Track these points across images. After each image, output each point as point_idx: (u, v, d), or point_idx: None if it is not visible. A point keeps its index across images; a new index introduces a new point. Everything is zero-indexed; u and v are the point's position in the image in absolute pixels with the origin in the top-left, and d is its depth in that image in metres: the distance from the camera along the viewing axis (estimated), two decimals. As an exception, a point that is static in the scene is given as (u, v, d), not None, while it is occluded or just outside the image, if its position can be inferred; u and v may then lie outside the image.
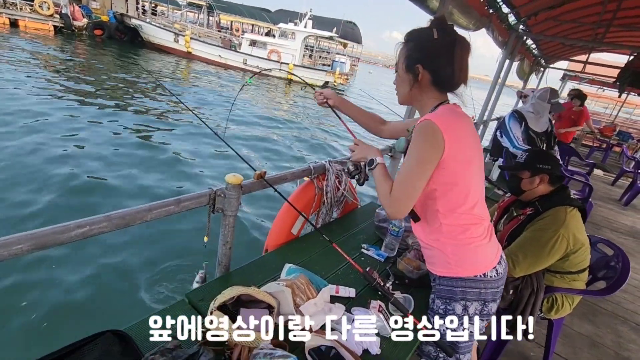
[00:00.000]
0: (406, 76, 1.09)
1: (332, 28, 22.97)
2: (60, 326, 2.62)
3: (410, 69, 1.07)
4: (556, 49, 6.69)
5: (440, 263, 1.17)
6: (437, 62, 1.04)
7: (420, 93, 1.10)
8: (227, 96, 12.66)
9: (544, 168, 1.72)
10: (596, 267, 2.02)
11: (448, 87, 1.09)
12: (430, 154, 1.00)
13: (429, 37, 1.03)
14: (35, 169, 4.71)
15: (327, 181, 1.73)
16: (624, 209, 5.91)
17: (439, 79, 1.06)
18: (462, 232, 1.10)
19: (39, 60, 11.74)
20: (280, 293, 1.08)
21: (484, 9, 3.00)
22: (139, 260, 3.40)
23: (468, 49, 1.04)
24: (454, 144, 1.00)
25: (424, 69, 1.05)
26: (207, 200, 1.20)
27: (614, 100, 16.12)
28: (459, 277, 1.14)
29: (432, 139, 0.99)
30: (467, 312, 1.16)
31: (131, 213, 1.00)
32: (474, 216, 1.10)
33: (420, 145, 1.02)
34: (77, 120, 6.97)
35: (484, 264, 1.14)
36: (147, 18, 23.69)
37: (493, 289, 1.16)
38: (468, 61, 1.05)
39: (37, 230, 0.84)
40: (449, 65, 1.03)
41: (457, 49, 1.02)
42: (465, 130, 1.07)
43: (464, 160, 1.05)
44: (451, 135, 1.00)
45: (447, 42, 1.02)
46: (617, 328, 2.72)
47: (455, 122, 1.04)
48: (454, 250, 1.12)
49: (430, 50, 1.04)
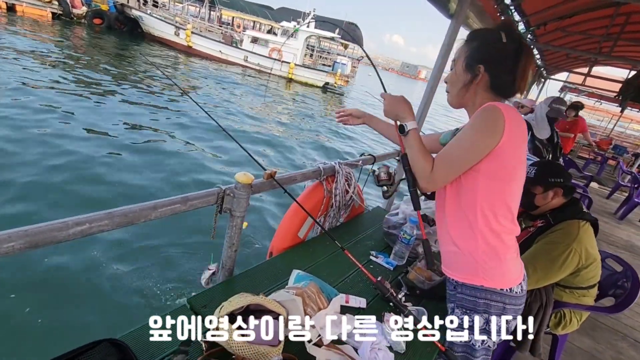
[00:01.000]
0: (464, 75, 1.05)
1: (335, 29, 22.94)
2: (54, 335, 2.47)
3: (471, 68, 1.03)
4: (559, 60, 6.71)
5: (466, 269, 1.09)
6: (500, 67, 1.00)
7: (475, 95, 1.05)
8: (230, 94, 12.55)
9: (557, 182, 1.68)
10: (605, 283, 1.98)
11: (505, 93, 1.04)
12: (486, 137, 0.95)
13: (497, 39, 1.00)
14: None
15: (337, 183, 1.67)
16: (620, 223, 5.93)
17: (498, 84, 1.02)
18: (500, 241, 1.04)
19: (34, 49, 11.49)
20: (290, 302, 1.01)
21: (497, 15, 2.96)
22: (136, 264, 3.25)
23: (533, 59, 1.03)
24: (512, 137, 0.95)
25: (485, 70, 1.01)
26: (215, 200, 1.13)
27: (610, 113, 16.30)
28: (485, 287, 1.07)
29: (494, 122, 0.94)
30: (488, 326, 1.11)
31: (135, 210, 0.92)
32: (512, 223, 1.06)
33: (480, 125, 0.97)
34: (70, 110, 6.81)
35: (512, 278, 1.09)
36: (148, 9, 23.41)
37: (516, 306, 1.11)
38: (529, 71, 1.02)
39: (31, 227, 0.76)
40: (511, 72, 1.00)
41: (523, 57, 0.99)
42: (524, 131, 1.03)
43: (519, 158, 1.02)
44: (512, 127, 0.94)
45: (514, 48, 0.99)
46: (616, 344, 2.69)
47: (516, 116, 0.98)
48: (486, 258, 1.05)
49: (496, 53, 1.00)
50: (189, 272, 3.18)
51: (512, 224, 1.06)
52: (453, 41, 2.03)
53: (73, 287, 2.91)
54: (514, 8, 3.12)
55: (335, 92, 20.30)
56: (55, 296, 2.80)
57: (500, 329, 1.11)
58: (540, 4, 3.28)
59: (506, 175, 1.00)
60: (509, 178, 1.00)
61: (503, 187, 1.01)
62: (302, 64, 20.91)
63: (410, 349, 1.11)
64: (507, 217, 1.04)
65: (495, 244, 1.04)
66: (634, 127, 26.32)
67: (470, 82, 1.03)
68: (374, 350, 1.01)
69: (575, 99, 7.70)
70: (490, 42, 1.01)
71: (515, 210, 1.07)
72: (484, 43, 1.02)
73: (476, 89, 1.04)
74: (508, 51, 0.99)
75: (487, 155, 0.96)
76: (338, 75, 19.85)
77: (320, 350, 0.97)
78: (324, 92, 19.58)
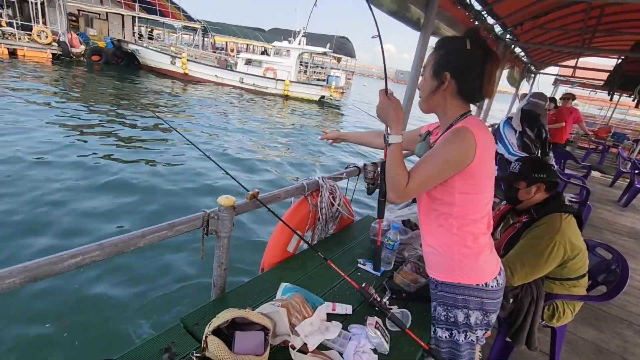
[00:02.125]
0: (432, 81, 1.09)
1: (326, 44, 23.40)
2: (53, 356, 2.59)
3: (438, 75, 1.07)
4: (545, 56, 6.81)
5: (445, 268, 1.17)
6: (466, 73, 1.04)
7: (444, 100, 1.10)
8: (223, 114, 12.79)
9: (540, 177, 1.74)
10: (596, 271, 2.01)
11: (473, 99, 1.10)
12: (457, 159, 1.01)
13: (462, 46, 1.03)
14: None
15: (321, 197, 1.75)
16: (623, 210, 5.91)
17: (465, 90, 1.07)
18: (473, 240, 1.12)
19: (38, 87, 11.91)
20: (275, 314, 1.08)
21: (470, 22, 3.07)
22: (129, 286, 3.38)
23: (499, 64, 1.05)
24: (482, 157, 1.02)
25: (452, 77, 1.05)
26: (200, 223, 1.22)
27: (607, 102, 16.27)
28: (461, 284, 1.15)
29: (466, 146, 1.00)
30: (468, 320, 1.17)
31: (124, 240, 1.01)
32: (484, 225, 1.14)
33: (453, 147, 1.01)
34: (71, 147, 7.03)
35: (487, 274, 1.15)
36: (144, 42, 24.17)
37: (494, 300, 1.17)
38: (496, 75, 1.06)
39: (30, 263, 0.85)
40: (478, 78, 1.04)
41: (488, 63, 1.02)
42: (492, 146, 1.09)
43: (488, 174, 1.08)
44: (482, 148, 1.01)
45: (480, 55, 1.02)
46: (622, 332, 2.68)
47: (486, 137, 1.04)
48: (462, 258, 1.13)
49: (462, 60, 1.04)
50: (183, 292, 3.29)
51: (485, 226, 1.15)
52: (424, 52, 2.13)
53: (68, 309, 3.04)
54: (487, 13, 3.23)
55: (332, 105, 20.58)
56: (52, 317, 2.93)
57: (481, 323, 1.17)
58: (513, 6, 3.39)
59: (477, 189, 1.08)
60: (479, 191, 1.09)
61: (474, 199, 1.09)
62: (297, 80, 21.30)
63: (395, 350, 1.17)
64: (480, 221, 1.12)
65: (470, 244, 1.12)
66: (635, 113, 26.15)
67: (438, 88, 1.08)
68: (358, 354, 1.07)
69: (569, 91, 7.78)
70: (455, 49, 1.04)
71: (488, 214, 1.15)
72: (450, 51, 1.06)
73: (444, 95, 1.08)
74: (473, 58, 1.02)
75: (460, 173, 1.03)
76: (333, 88, 20.16)
77: (306, 357, 1.03)
78: (320, 106, 19.87)
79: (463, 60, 1.03)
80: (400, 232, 1.69)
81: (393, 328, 1.24)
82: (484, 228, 1.14)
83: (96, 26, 23.78)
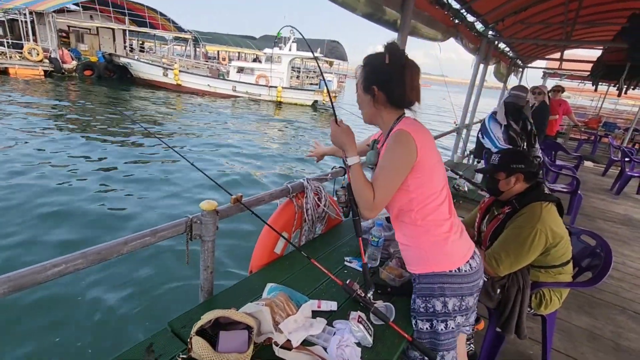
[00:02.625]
0: (365, 96, 1.22)
1: (317, 48, 23.55)
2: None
3: (367, 89, 1.19)
4: (531, 50, 6.90)
5: (418, 261, 1.24)
6: (390, 84, 1.16)
7: (379, 111, 1.22)
8: (221, 125, 12.84)
9: (518, 167, 1.78)
10: (580, 257, 2.05)
11: (402, 104, 1.21)
12: (406, 160, 1.12)
13: (382, 61, 1.14)
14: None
15: (307, 199, 1.78)
16: (616, 198, 5.97)
17: (393, 98, 1.18)
18: (436, 228, 1.19)
19: (30, 105, 11.93)
20: (259, 312, 1.11)
21: (450, 20, 3.12)
22: (117, 291, 3.45)
23: (417, 71, 1.17)
24: (423, 148, 1.12)
25: (379, 90, 1.17)
26: (184, 229, 1.24)
27: (598, 92, 16.44)
28: (436, 272, 1.20)
29: (407, 145, 1.11)
30: (446, 308, 1.21)
31: (107, 248, 1.04)
32: (444, 213, 1.20)
33: (398, 152, 1.12)
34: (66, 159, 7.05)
35: (458, 258, 1.21)
36: (136, 55, 24.26)
37: (469, 283, 1.21)
38: (419, 82, 1.18)
39: (13, 273, 0.87)
40: (400, 86, 1.15)
41: (407, 72, 1.14)
42: (429, 137, 1.20)
43: (432, 163, 1.17)
44: (421, 140, 1.12)
45: (398, 66, 1.14)
46: (615, 318, 2.72)
47: (421, 130, 1.16)
48: (430, 246, 1.20)
49: (384, 73, 1.16)
50: (172, 296, 3.34)
51: (447, 212, 1.21)
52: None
53: (56, 316, 3.11)
54: (466, 10, 3.29)
55: (325, 109, 20.69)
56: (40, 324, 3.01)
57: (460, 308, 1.21)
58: (492, 3, 3.46)
59: (427, 177, 1.17)
60: (429, 179, 1.17)
61: (427, 188, 1.17)
62: (290, 86, 21.41)
63: (379, 342, 1.19)
64: (439, 208, 1.18)
65: (436, 232, 1.18)
66: (627, 102, 26.38)
67: (371, 100, 1.20)
68: (341, 347, 1.10)
69: (559, 83, 7.88)
70: (377, 65, 1.17)
71: (446, 200, 1.21)
72: (373, 66, 1.18)
73: (378, 106, 1.20)
74: (393, 69, 1.14)
75: (411, 172, 1.14)
76: (325, 92, 20.27)
77: (289, 353, 1.06)
78: (314, 110, 19.97)
79: (385, 73, 1.15)
80: (384, 228, 1.73)
81: (377, 322, 1.27)
82: (445, 214, 1.20)
83: (87, 41, 23.89)
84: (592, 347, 2.36)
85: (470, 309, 1.25)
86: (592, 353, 2.31)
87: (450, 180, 3.44)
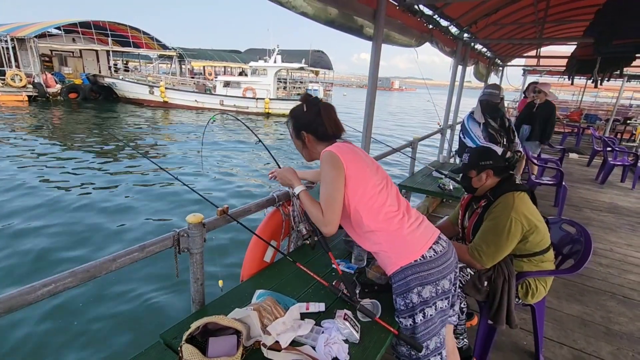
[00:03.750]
0: (298, 142, 1.44)
1: (301, 59, 23.84)
2: None
3: (298, 136, 1.42)
4: (507, 49, 7.11)
5: (388, 263, 1.30)
6: (313, 125, 1.37)
7: (313, 148, 1.42)
8: (211, 140, 12.85)
9: (487, 164, 1.86)
10: (560, 245, 2.12)
11: (329, 139, 1.40)
12: (336, 174, 1.26)
13: (301, 110, 1.38)
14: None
15: (293, 206, 1.82)
16: (601, 188, 6.12)
17: (319, 136, 1.39)
18: (389, 225, 1.28)
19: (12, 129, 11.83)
20: (246, 317, 1.14)
21: (423, 26, 3.23)
22: (107, 304, 3.47)
23: (332, 109, 1.40)
24: (350, 162, 1.28)
25: (307, 132, 1.39)
26: (171, 243, 1.28)
27: (579, 87, 16.90)
28: (403, 266, 1.26)
29: (333, 161, 1.27)
30: (422, 297, 1.25)
31: (95, 265, 1.07)
32: (393, 207, 1.31)
33: (328, 170, 1.28)
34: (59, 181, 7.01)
35: (419, 247, 1.27)
36: (120, 75, 24.24)
37: (437, 268, 1.27)
38: (337, 118, 1.41)
39: (3, 295, 0.90)
40: (322, 125, 1.37)
41: (323, 112, 1.36)
42: (355, 151, 1.36)
43: (363, 171, 1.30)
44: (346, 156, 1.28)
45: (315, 111, 1.36)
46: (605, 304, 2.78)
47: (346, 148, 1.32)
48: (390, 244, 1.28)
49: (305, 119, 1.38)
50: (162, 309, 3.35)
51: (395, 208, 1.31)
52: (378, 60, 2.26)
53: (49, 331, 3.12)
54: (439, 16, 3.41)
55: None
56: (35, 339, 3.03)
57: (437, 294, 1.26)
58: (463, 7, 3.58)
59: (362, 183, 1.29)
60: (365, 183, 1.29)
61: (366, 192, 1.28)
62: (277, 97, 21.57)
63: (366, 338, 1.23)
64: (385, 206, 1.29)
65: (390, 229, 1.27)
66: (606, 94, 27.06)
67: (305, 143, 1.41)
68: (329, 345, 1.13)
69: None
70: (299, 114, 1.40)
71: (388, 196, 1.32)
72: (296, 116, 1.41)
73: (311, 145, 1.41)
74: (311, 114, 1.36)
75: (345, 184, 1.27)
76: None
77: (279, 354, 1.09)
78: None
79: (306, 118, 1.38)
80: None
81: (365, 319, 1.31)
82: (393, 210, 1.30)
83: (71, 64, 23.85)
84: (584, 334, 2.41)
85: (448, 292, 1.30)
86: (584, 339, 2.36)
87: (435, 180, 3.52)
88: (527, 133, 4.88)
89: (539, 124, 4.75)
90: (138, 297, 3.58)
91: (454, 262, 1.34)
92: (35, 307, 2.78)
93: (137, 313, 3.35)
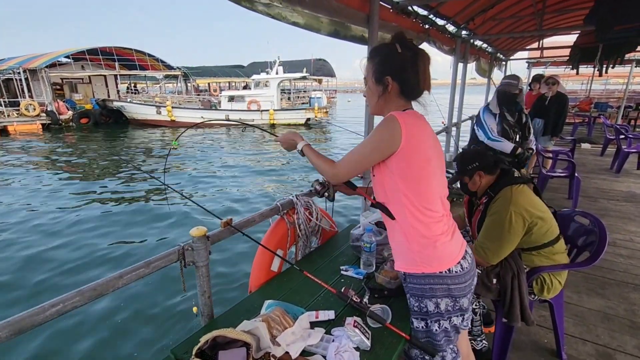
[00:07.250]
0: (376, 88, 1.19)
1: (303, 68, 24.09)
2: None
3: (380, 81, 1.17)
4: (508, 43, 7.05)
5: (407, 260, 1.21)
6: (404, 73, 1.15)
7: (389, 102, 1.20)
8: (218, 153, 13.01)
9: (474, 166, 1.86)
10: (575, 236, 2.07)
11: (414, 95, 1.20)
12: (383, 142, 1.12)
13: (393, 51, 1.14)
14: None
15: (298, 215, 1.82)
16: (617, 177, 5.95)
17: (406, 88, 1.17)
18: (427, 230, 1.16)
19: (32, 160, 12.19)
20: (255, 329, 1.13)
21: (419, 27, 3.23)
22: (116, 321, 3.48)
23: (429, 59, 1.17)
24: (411, 140, 1.10)
25: (393, 80, 1.15)
26: (176, 257, 1.29)
27: (587, 75, 16.62)
28: (425, 273, 1.18)
29: (391, 129, 1.10)
30: (439, 308, 1.20)
31: (102, 284, 1.08)
32: (438, 213, 1.18)
33: (378, 132, 1.13)
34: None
35: (449, 260, 1.18)
36: (128, 97, 24.85)
37: (460, 284, 1.19)
38: (429, 70, 1.17)
39: (13, 318, 0.92)
40: (414, 76, 1.15)
41: (420, 60, 1.14)
42: (425, 132, 1.17)
43: (424, 158, 1.14)
44: (409, 131, 1.10)
45: (411, 55, 1.14)
46: (628, 296, 2.68)
47: (416, 123, 1.14)
48: (420, 248, 1.17)
49: (397, 63, 1.14)
50: (171, 324, 3.38)
51: (439, 214, 1.19)
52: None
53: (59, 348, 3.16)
54: (434, 15, 3.41)
55: (319, 127, 20.98)
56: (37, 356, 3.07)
57: (453, 309, 1.20)
58: (459, 5, 3.57)
59: (415, 174, 1.14)
60: (419, 177, 1.14)
61: (418, 186, 1.15)
62: (281, 107, 21.79)
63: (377, 344, 1.21)
64: (431, 209, 1.17)
65: (425, 233, 1.16)
66: (617, 81, 26.50)
67: (383, 92, 1.18)
68: (339, 354, 1.12)
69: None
70: (389, 55, 1.15)
71: (438, 192, 1.20)
72: (384, 57, 1.16)
73: (389, 97, 1.19)
74: (406, 58, 1.13)
75: (394, 155, 1.12)
76: (316, 109, 20.61)
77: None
78: (308, 128, 20.23)
79: (398, 62, 1.14)
80: (375, 233, 1.76)
81: (375, 325, 1.29)
82: (437, 216, 1.18)
83: (81, 90, 24.57)
84: (607, 328, 2.33)
85: (466, 310, 1.24)
86: (607, 334, 2.28)
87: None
88: (540, 127, 4.79)
89: (552, 117, 4.66)
90: (147, 312, 3.61)
91: (475, 282, 1.27)
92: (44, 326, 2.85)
93: (147, 329, 3.36)
